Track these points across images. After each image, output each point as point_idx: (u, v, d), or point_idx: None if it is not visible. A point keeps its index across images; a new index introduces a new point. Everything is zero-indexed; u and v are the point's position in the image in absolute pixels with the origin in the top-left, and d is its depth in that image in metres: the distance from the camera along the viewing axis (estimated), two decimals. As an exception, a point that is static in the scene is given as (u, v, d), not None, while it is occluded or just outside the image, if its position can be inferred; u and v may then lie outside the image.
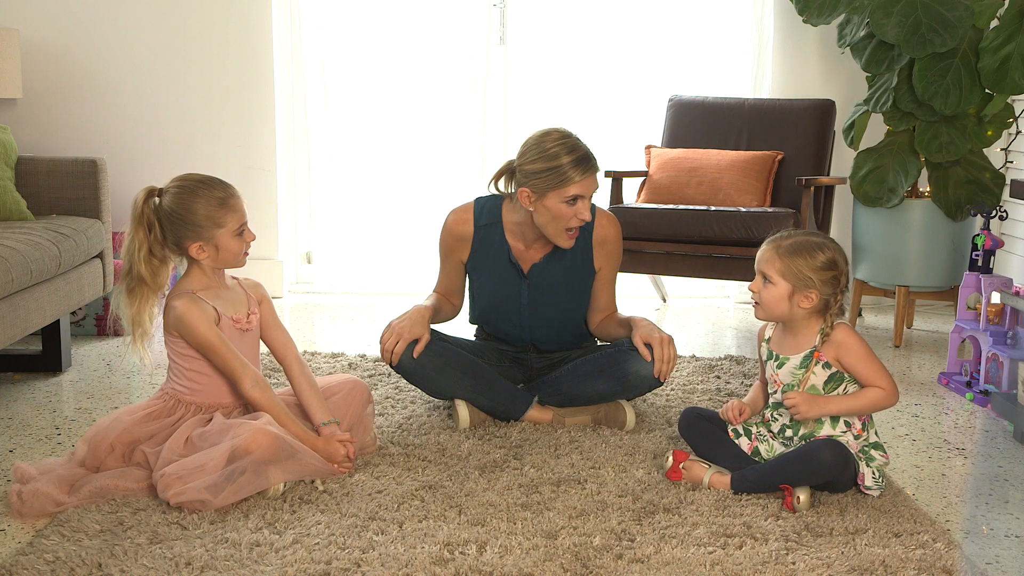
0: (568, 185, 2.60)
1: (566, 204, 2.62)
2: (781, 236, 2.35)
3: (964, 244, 3.96)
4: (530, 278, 2.82)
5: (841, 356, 2.32)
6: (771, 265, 2.32)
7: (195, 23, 4.50)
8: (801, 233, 2.36)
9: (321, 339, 3.95)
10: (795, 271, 2.29)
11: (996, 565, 2.06)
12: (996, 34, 3.73)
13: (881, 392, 2.31)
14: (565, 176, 2.59)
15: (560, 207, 2.62)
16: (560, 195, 2.61)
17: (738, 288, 4.77)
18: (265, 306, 2.52)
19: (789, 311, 2.33)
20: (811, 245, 2.31)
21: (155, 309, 2.39)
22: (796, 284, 2.30)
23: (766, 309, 2.35)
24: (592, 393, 2.77)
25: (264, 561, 1.95)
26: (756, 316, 2.39)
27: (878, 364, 2.33)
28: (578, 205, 2.62)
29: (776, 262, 2.31)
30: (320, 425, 2.42)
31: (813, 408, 2.30)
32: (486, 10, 4.63)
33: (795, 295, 2.31)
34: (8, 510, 2.20)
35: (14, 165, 3.50)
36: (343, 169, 4.77)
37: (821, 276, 2.29)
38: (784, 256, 2.30)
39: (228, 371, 2.36)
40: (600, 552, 2.01)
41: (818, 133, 4.18)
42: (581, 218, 2.64)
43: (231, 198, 2.37)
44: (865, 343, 2.35)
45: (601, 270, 2.86)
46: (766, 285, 2.33)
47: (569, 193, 2.60)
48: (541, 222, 2.68)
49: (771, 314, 2.35)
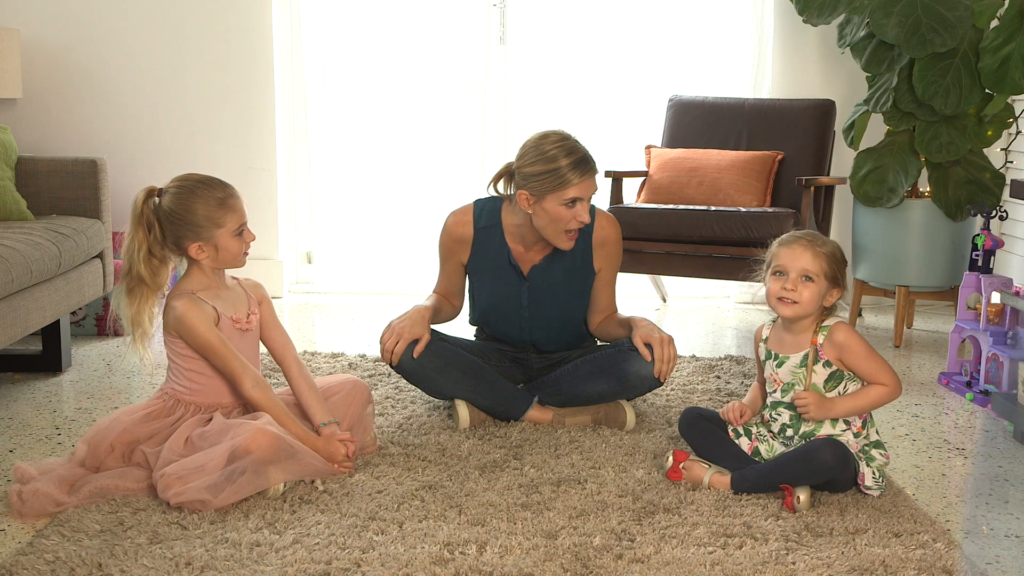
0: (566, 188, 2.60)
1: (565, 207, 2.62)
2: (805, 236, 2.38)
3: (964, 244, 3.96)
4: (530, 280, 2.82)
5: (843, 356, 2.34)
6: (816, 264, 2.34)
7: (195, 23, 4.50)
8: (809, 232, 2.41)
9: (321, 339, 3.95)
10: (833, 271, 2.35)
11: (996, 565, 2.06)
12: (996, 34, 3.73)
13: (885, 389, 2.33)
14: (563, 179, 2.59)
15: (559, 210, 2.62)
16: (559, 197, 2.61)
17: (738, 288, 4.77)
18: (265, 306, 2.52)
19: (817, 308, 2.37)
20: (837, 246, 2.39)
21: (155, 309, 2.40)
22: (831, 283, 2.36)
23: (804, 307, 2.35)
24: (592, 393, 2.77)
25: (264, 561, 1.95)
26: (786, 314, 2.38)
27: (880, 360, 2.35)
28: (577, 207, 2.62)
29: (820, 260, 2.34)
30: (320, 425, 2.42)
31: (822, 410, 2.33)
32: (486, 10, 4.63)
33: (827, 294, 2.36)
34: (8, 510, 2.20)
35: (14, 165, 3.50)
36: (343, 169, 4.77)
37: (842, 273, 2.37)
38: (827, 257, 2.35)
39: (228, 371, 2.36)
40: (600, 552, 2.01)
41: (818, 133, 4.18)
42: (580, 220, 2.63)
43: (230, 198, 2.37)
44: (865, 341, 2.36)
45: (601, 271, 2.86)
46: (806, 284, 2.35)
47: (568, 195, 2.60)
48: (540, 224, 2.68)
49: (806, 311, 2.36)
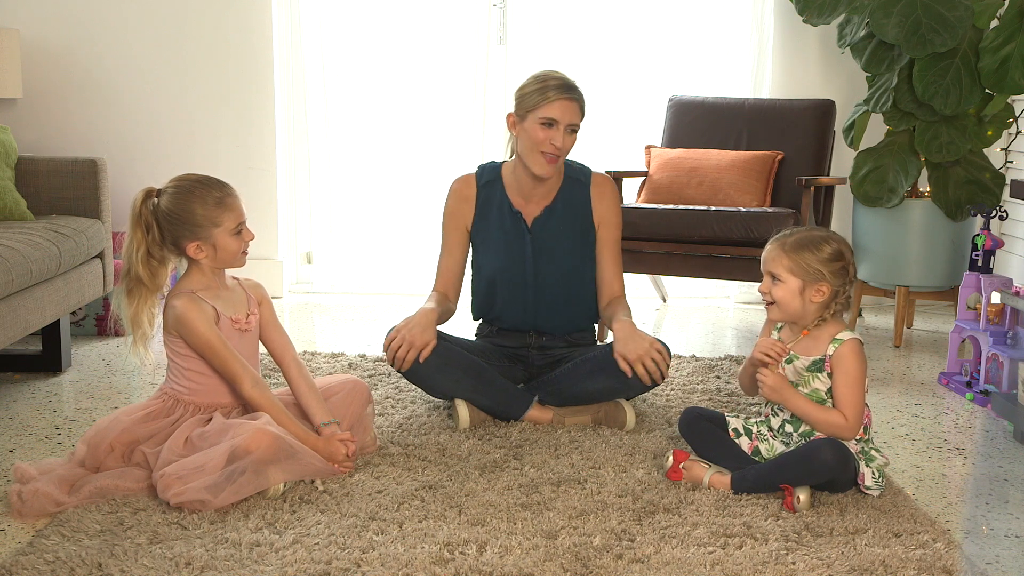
0: (545, 104, 2.69)
1: (542, 127, 2.71)
2: (784, 234, 2.36)
3: (964, 244, 3.96)
4: (533, 232, 2.86)
5: (835, 367, 2.31)
6: (778, 263, 2.32)
7: (195, 23, 4.50)
8: (803, 229, 2.38)
9: (321, 339, 3.95)
10: (803, 265, 2.30)
11: (996, 565, 2.06)
12: (996, 34, 3.73)
13: (842, 422, 2.28)
14: (544, 95, 2.70)
15: (536, 129, 2.71)
16: (537, 116, 2.71)
17: (738, 288, 4.77)
18: (265, 307, 2.52)
19: (802, 307, 2.33)
20: (815, 239, 2.32)
21: (155, 310, 2.40)
22: (806, 278, 2.30)
23: (782, 307, 2.34)
24: (592, 390, 2.77)
25: (264, 561, 1.95)
26: (772, 317, 2.38)
27: (857, 396, 2.29)
28: (552, 130, 2.70)
29: (783, 259, 2.31)
30: (320, 426, 2.42)
31: (775, 392, 2.31)
32: (486, 10, 4.63)
33: (806, 290, 2.31)
34: (8, 510, 2.20)
35: (14, 165, 3.50)
36: (343, 169, 4.77)
37: (830, 268, 2.30)
38: (790, 252, 2.31)
39: (227, 372, 2.36)
40: (600, 552, 2.01)
41: (818, 133, 4.18)
42: (555, 144, 2.71)
43: (228, 197, 2.37)
44: (861, 369, 2.30)
45: (600, 227, 2.90)
46: (776, 284, 2.33)
47: (545, 113, 2.69)
48: (521, 150, 2.78)
49: (787, 312, 2.34)
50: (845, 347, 2.31)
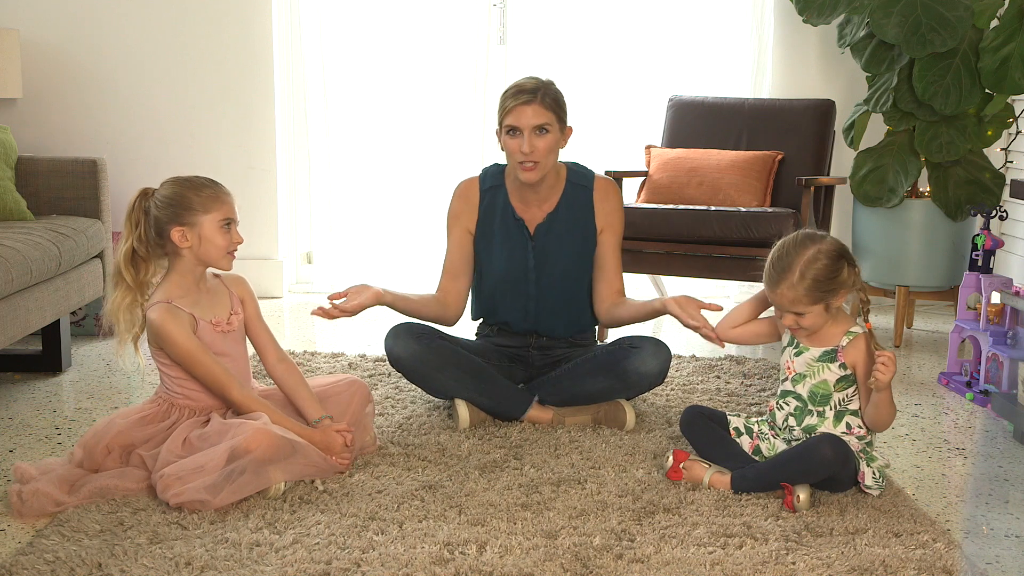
0: (504, 115, 2.72)
1: (509, 138, 2.72)
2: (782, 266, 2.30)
3: (964, 244, 3.96)
4: (536, 239, 2.85)
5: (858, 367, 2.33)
6: (798, 303, 2.30)
7: (195, 23, 4.50)
8: (790, 243, 2.32)
9: (321, 339, 3.95)
10: (821, 293, 2.29)
11: (996, 565, 2.06)
12: (996, 34, 3.73)
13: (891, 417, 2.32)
14: (503, 107, 2.73)
15: (507, 141, 2.73)
16: (504, 127, 2.72)
17: (738, 288, 4.77)
18: (249, 304, 2.50)
19: (830, 317, 2.35)
20: (813, 262, 2.28)
21: (136, 311, 2.36)
22: (826, 299, 2.31)
23: (813, 330, 2.35)
24: (593, 390, 2.77)
25: (264, 561, 1.95)
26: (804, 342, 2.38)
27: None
28: (519, 138, 2.71)
29: (803, 298, 2.29)
30: (313, 423, 2.42)
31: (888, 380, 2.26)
32: (486, 10, 4.63)
33: (829, 305, 2.32)
34: (8, 510, 2.20)
35: (14, 165, 3.50)
36: (343, 169, 4.77)
37: (839, 276, 2.30)
38: (808, 290, 2.28)
39: (211, 380, 2.34)
40: (600, 552, 2.01)
41: (818, 133, 4.17)
42: (522, 151, 2.71)
43: (222, 193, 2.40)
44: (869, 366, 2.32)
45: (603, 232, 2.88)
46: (801, 316, 2.33)
47: (507, 123, 2.71)
48: (507, 161, 2.80)
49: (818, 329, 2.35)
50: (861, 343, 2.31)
